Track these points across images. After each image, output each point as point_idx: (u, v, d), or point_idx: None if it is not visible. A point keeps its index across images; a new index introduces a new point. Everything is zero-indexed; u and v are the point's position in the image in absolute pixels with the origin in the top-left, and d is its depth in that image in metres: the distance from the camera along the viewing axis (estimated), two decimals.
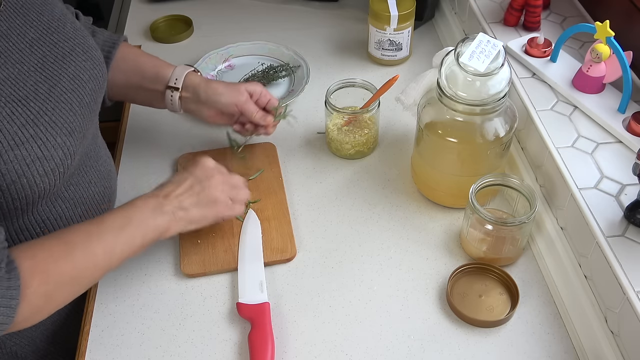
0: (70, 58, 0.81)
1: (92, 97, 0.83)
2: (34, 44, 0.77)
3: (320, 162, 1.08)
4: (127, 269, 0.92)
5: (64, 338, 0.96)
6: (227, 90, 1.00)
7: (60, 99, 0.76)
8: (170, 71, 1.00)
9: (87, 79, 0.82)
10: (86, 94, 0.81)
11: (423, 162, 0.97)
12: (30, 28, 0.77)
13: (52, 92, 0.76)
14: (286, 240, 0.94)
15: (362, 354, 0.82)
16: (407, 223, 0.97)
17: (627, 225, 0.78)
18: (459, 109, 0.86)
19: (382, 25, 1.19)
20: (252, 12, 1.43)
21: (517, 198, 0.91)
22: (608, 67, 0.92)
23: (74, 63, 0.81)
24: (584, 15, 1.11)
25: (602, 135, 0.90)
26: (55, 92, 0.76)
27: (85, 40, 0.85)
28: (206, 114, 1.01)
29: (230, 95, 0.99)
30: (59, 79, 0.77)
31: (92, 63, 0.84)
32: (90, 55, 0.84)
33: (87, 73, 0.82)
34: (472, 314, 0.84)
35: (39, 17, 0.80)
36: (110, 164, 0.96)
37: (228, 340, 0.84)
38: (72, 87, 0.79)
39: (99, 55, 0.87)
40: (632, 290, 0.72)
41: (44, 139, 0.72)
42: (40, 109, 0.73)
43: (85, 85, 0.81)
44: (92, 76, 0.83)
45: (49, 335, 0.94)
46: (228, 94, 0.99)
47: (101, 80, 0.86)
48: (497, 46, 0.84)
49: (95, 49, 0.87)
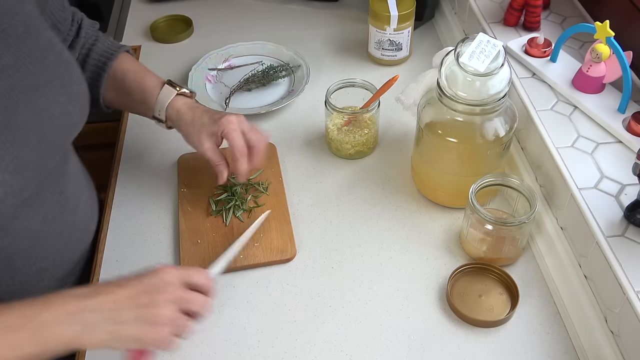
0: (44, 91, 0.75)
1: (60, 133, 0.78)
2: (5, 70, 0.72)
3: (320, 162, 1.08)
4: (127, 269, 0.92)
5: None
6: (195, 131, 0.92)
7: (16, 133, 0.71)
8: (155, 97, 0.94)
9: (58, 114, 0.77)
10: (52, 130, 0.75)
11: (423, 162, 0.97)
12: (7, 54, 0.73)
13: (9, 124, 0.70)
14: (286, 240, 0.94)
15: (362, 354, 0.82)
16: (407, 223, 0.97)
17: (627, 225, 0.78)
18: (459, 109, 0.86)
19: (382, 25, 1.19)
20: (252, 12, 1.43)
21: (517, 198, 0.91)
22: (608, 67, 0.92)
23: (46, 96, 0.75)
24: (584, 15, 1.11)
25: (602, 135, 0.90)
26: (13, 124, 0.71)
27: (68, 73, 0.80)
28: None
29: (194, 140, 0.93)
30: (21, 111, 0.72)
31: (68, 98, 0.79)
32: (68, 90, 0.79)
33: (59, 108, 0.77)
34: (472, 314, 0.84)
35: (20, 44, 0.75)
36: (82, 197, 0.89)
37: (228, 340, 0.84)
38: (36, 121, 0.73)
39: (81, 89, 0.82)
40: (632, 290, 0.72)
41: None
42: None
43: (54, 121, 0.76)
44: (65, 112, 0.78)
45: None
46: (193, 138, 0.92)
47: (76, 116, 0.81)
48: (497, 46, 0.84)
49: (79, 83, 0.82)
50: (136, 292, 0.70)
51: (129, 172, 1.07)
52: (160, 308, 0.70)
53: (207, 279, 0.76)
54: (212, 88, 1.22)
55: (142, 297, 0.70)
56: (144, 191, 1.04)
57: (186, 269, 0.75)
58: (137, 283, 0.71)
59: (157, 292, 0.70)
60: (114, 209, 1.01)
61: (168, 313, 0.70)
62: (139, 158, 1.09)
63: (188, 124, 0.93)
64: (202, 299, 0.74)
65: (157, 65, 1.28)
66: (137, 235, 0.97)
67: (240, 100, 1.19)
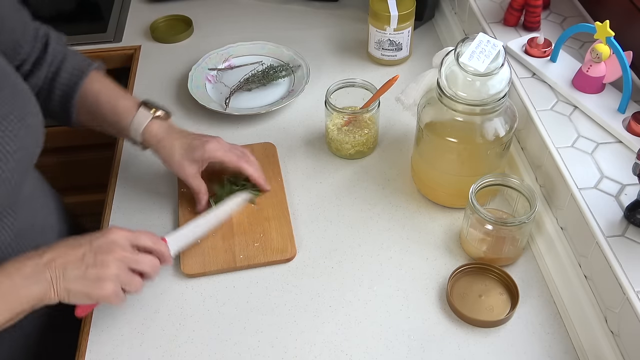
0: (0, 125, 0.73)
1: (16, 169, 0.75)
2: None
3: (320, 162, 1.08)
4: None
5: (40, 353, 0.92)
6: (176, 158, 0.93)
7: None
8: (129, 120, 0.92)
9: (15, 149, 0.74)
10: (7, 168, 0.73)
11: (423, 162, 0.97)
12: None
13: None
14: (286, 240, 0.94)
15: (362, 354, 0.82)
16: (407, 223, 0.97)
17: (627, 225, 0.78)
18: (459, 109, 0.86)
19: (382, 25, 1.19)
20: (252, 12, 1.44)
21: (517, 198, 0.91)
22: (608, 67, 0.92)
23: (1, 132, 0.72)
24: (584, 15, 1.11)
25: (602, 135, 0.90)
26: None
27: (25, 105, 0.77)
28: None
29: (175, 166, 0.94)
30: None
31: (26, 131, 0.76)
32: (24, 123, 0.75)
33: (17, 143, 0.74)
34: (472, 314, 0.84)
35: None
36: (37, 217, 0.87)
37: (228, 340, 0.84)
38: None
39: (37, 121, 0.79)
40: (632, 290, 0.72)
41: None
42: None
43: (9, 157, 0.73)
44: (22, 146, 0.75)
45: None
46: (174, 165, 0.93)
47: (33, 148, 0.78)
48: (497, 46, 0.84)
49: (35, 114, 0.79)
50: (85, 252, 0.74)
51: (129, 172, 1.07)
52: (106, 267, 0.74)
53: (154, 242, 0.81)
54: (212, 88, 1.22)
55: (90, 257, 0.74)
56: (144, 191, 1.04)
57: (135, 231, 0.80)
58: (86, 244, 0.75)
59: (105, 252, 0.75)
60: (114, 209, 1.01)
61: (114, 271, 0.74)
62: (139, 158, 1.09)
63: (167, 150, 0.94)
64: (149, 260, 0.79)
65: (157, 65, 1.28)
66: None
67: (240, 100, 1.19)
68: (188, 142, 0.94)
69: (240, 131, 1.14)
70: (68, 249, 0.75)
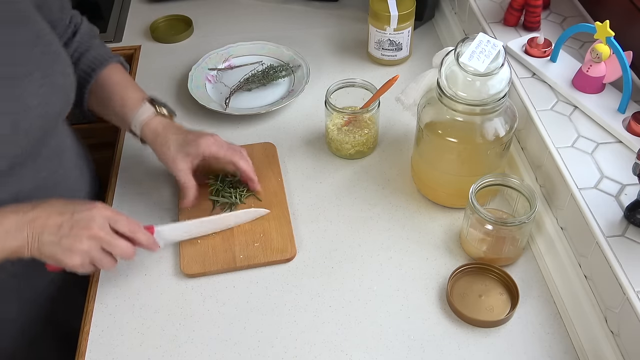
0: (22, 81, 0.78)
1: (36, 123, 0.81)
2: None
3: (320, 162, 1.08)
4: (127, 269, 0.92)
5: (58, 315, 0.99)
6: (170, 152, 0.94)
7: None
8: (134, 113, 0.96)
9: (36, 104, 0.80)
10: (26, 119, 0.79)
11: (423, 162, 0.97)
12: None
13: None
14: (286, 240, 0.94)
15: (362, 354, 0.82)
16: (407, 223, 0.97)
17: (627, 225, 0.78)
18: (459, 109, 0.86)
19: (382, 25, 1.19)
20: (252, 12, 1.43)
21: (517, 198, 0.91)
22: (608, 67, 0.92)
23: (23, 87, 0.79)
24: (584, 15, 1.11)
25: (602, 135, 0.90)
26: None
27: (53, 65, 0.83)
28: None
29: (168, 161, 0.95)
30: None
31: (51, 89, 0.82)
32: (50, 81, 0.82)
33: (37, 99, 0.80)
34: (472, 314, 0.84)
35: (3, 37, 0.78)
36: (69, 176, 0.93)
37: (228, 340, 0.84)
38: (10, 110, 0.77)
39: (66, 82, 0.85)
40: (632, 290, 0.72)
41: None
42: None
43: (30, 111, 0.79)
44: (43, 102, 0.81)
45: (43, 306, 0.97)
46: (168, 159, 0.94)
47: (57, 107, 0.84)
48: (497, 46, 0.84)
49: (65, 76, 0.84)
50: (64, 222, 0.78)
51: (129, 172, 1.07)
52: (79, 242, 0.78)
53: (133, 230, 0.82)
54: (212, 88, 1.22)
55: (67, 228, 0.78)
56: (144, 191, 1.04)
57: (118, 213, 0.82)
58: (68, 214, 0.78)
59: (82, 228, 0.78)
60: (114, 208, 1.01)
61: (85, 247, 0.78)
62: (139, 158, 1.09)
63: (162, 144, 0.95)
64: (123, 245, 0.81)
65: (157, 65, 1.28)
66: None
67: (240, 100, 1.19)
68: (183, 137, 0.95)
69: (240, 131, 1.14)
70: (50, 214, 0.78)
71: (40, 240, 0.77)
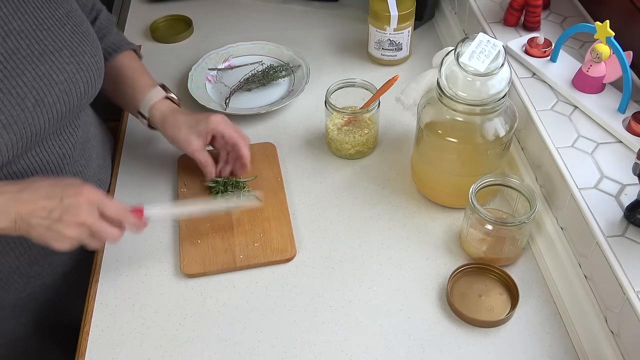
0: (50, 57, 0.82)
1: (62, 99, 0.83)
2: (11, 34, 0.78)
3: (320, 162, 1.08)
4: (127, 269, 0.92)
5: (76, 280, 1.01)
6: (182, 133, 0.97)
7: (11, 92, 0.77)
8: (144, 95, 0.99)
9: (61, 80, 0.82)
10: (51, 95, 0.81)
11: (423, 162, 0.97)
12: (17, 19, 0.79)
13: (4, 83, 0.77)
14: (286, 240, 0.94)
15: (362, 354, 0.82)
16: (407, 223, 0.97)
17: (627, 225, 0.78)
18: (459, 109, 0.86)
19: (382, 25, 1.19)
20: (252, 12, 1.44)
21: (517, 198, 0.91)
22: (608, 67, 0.92)
23: (50, 63, 0.82)
24: (584, 15, 1.11)
25: (602, 135, 0.90)
26: (8, 84, 0.77)
27: (81, 44, 0.86)
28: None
29: (181, 142, 0.97)
30: (21, 73, 0.78)
31: (78, 67, 0.85)
32: (78, 59, 0.85)
33: (63, 75, 0.83)
34: (472, 314, 0.84)
35: (35, 12, 0.82)
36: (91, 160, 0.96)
37: (228, 340, 0.84)
38: (35, 84, 0.80)
39: (93, 61, 0.88)
40: (632, 290, 0.72)
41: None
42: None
43: (55, 87, 0.82)
44: (69, 79, 0.83)
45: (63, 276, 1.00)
46: (181, 140, 0.97)
47: (83, 85, 0.86)
48: (497, 46, 0.84)
49: (92, 55, 0.87)
50: (53, 207, 0.78)
51: (129, 172, 1.07)
52: (68, 228, 0.78)
53: (120, 213, 0.82)
54: (212, 88, 1.22)
55: (57, 213, 0.78)
56: (144, 191, 1.04)
57: (105, 198, 0.82)
58: (57, 198, 0.78)
59: (71, 214, 0.78)
60: None
61: (74, 233, 0.79)
62: (139, 158, 1.09)
63: (173, 126, 0.98)
64: (110, 231, 0.82)
65: (157, 65, 1.28)
66: (137, 235, 0.96)
67: (240, 100, 1.19)
68: (193, 117, 0.98)
69: None
70: (38, 197, 0.78)
71: (29, 223, 0.78)
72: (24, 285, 0.94)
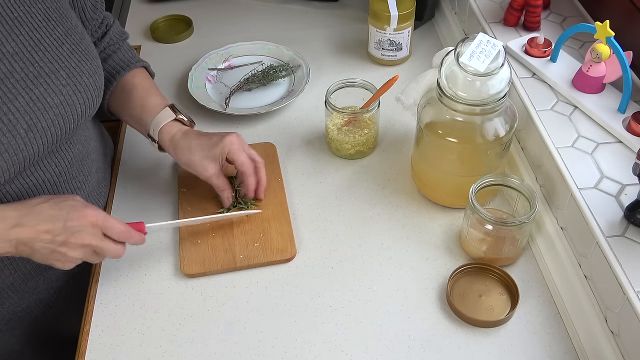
0: (45, 80, 0.78)
1: (56, 122, 0.80)
2: (4, 58, 0.75)
3: (320, 162, 1.08)
4: (127, 269, 0.92)
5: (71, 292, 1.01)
6: (197, 158, 0.93)
7: (2, 119, 0.74)
8: (153, 117, 0.95)
9: (56, 103, 0.79)
10: (45, 119, 0.78)
11: (423, 162, 0.97)
12: (11, 42, 0.76)
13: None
14: (286, 240, 0.94)
15: (362, 354, 0.82)
16: (407, 223, 0.97)
17: (627, 225, 0.78)
18: (459, 109, 0.86)
19: (382, 25, 1.19)
20: (252, 12, 1.44)
21: (517, 198, 0.91)
22: (608, 67, 0.92)
23: (45, 85, 0.78)
24: (584, 15, 1.11)
25: (602, 135, 0.90)
26: (1, 109, 0.74)
27: (80, 64, 0.83)
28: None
29: (197, 167, 0.94)
30: (14, 98, 0.75)
31: (74, 88, 0.81)
32: (75, 80, 0.81)
33: (58, 98, 0.79)
34: (472, 314, 0.84)
35: (32, 33, 0.78)
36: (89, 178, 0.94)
37: (228, 340, 0.84)
38: (28, 109, 0.76)
39: (91, 81, 0.84)
40: (632, 290, 0.72)
41: None
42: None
43: (49, 110, 0.78)
44: (65, 102, 0.80)
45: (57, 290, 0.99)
46: (196, 165, 0.93)
47: (80, 107, 0.83)
48: (497, 46, 0.84)
49: (90, 75, 0.84)
50: (57, 231, 0.77)
51: (129, 172, 1.07)
52: (72, 251, 0.79)
53: (123, 235, 0.83)
54: (212, 88, 1.22)
55: (61, 238, 0.77)
56: (144, 191, 1.04)
57: (109, 219, 0.81)
58: (60, 222, 0.77)
59: (74, 237, 0.78)
60: (114, 209, 1.01)
61: (79, 255, 0.79)
62: (139, 158, 1.09)
63: (185, 150, 0.94)
64: (114, 249, 0.82)
65: (157, 66, 1.28)
66: None
67: (240, 100, 1.19)
68: (206, 141, 0.94)
69: (240, 131, 1.14)
70: (40, 221, 0.77)
71: (32, 248, 0.77)
72: (18, 301, 0.94)
